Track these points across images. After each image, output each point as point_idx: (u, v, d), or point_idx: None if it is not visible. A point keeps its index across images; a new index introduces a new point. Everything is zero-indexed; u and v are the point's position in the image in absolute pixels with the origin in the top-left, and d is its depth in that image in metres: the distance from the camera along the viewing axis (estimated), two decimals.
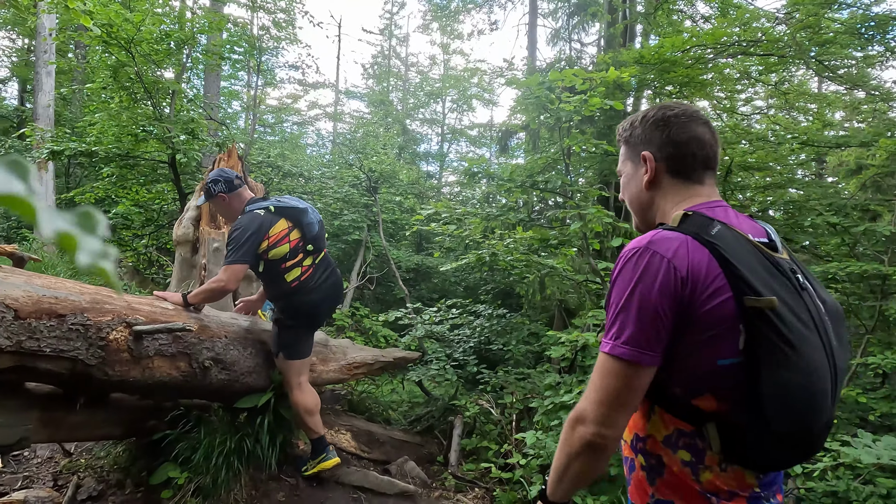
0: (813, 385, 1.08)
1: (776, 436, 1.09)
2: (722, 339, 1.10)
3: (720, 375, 1.11)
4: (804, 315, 1.11)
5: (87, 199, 8.85)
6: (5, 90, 21.01)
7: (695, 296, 1.10)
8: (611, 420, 1.13)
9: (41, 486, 3.24)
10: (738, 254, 1.12)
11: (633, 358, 1.11)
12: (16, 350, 2.34)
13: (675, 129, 1.30)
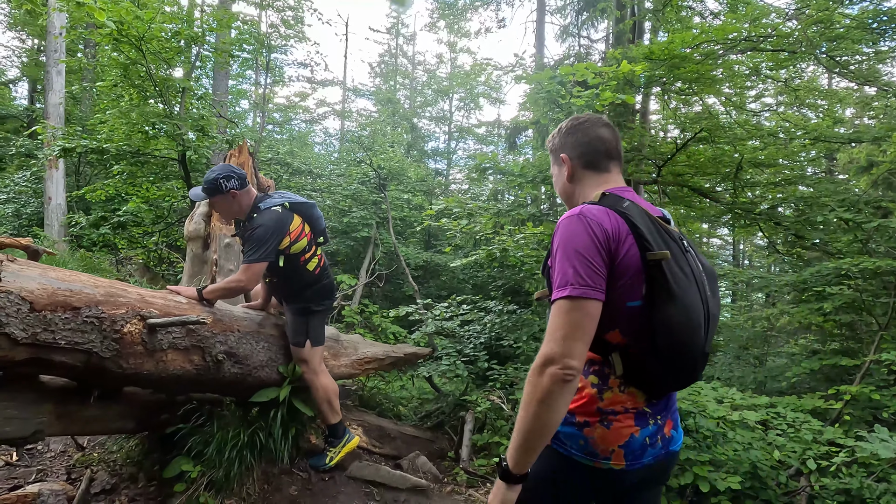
0: (691, 321, 1.44)
1: (663, 359, 1.46)
2: (631, 286, 1.45)
3: (627, 315, 1.47)
4: (686, 270, 1.49)
5: (97, 196, 8.89)
6: (16, 90, 21.17)
7: (615, 249, 1.44)
8: (575, 351, 1.36)
9: (55, 480, 3.25)
10: (641, 221, 1.48)
11: (583, 294, 1.38)
12: (31, 342, 2.35)
13: (581, 133, 1.72)
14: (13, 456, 3.47)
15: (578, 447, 1.55)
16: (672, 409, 1.67)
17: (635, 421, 1.55)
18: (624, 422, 1.54)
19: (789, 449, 3.89)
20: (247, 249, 3.16)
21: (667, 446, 1.62)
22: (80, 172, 11.33)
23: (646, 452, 1.56)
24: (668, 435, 1.63)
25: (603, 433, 1.53)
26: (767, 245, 10.91)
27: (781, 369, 8.24)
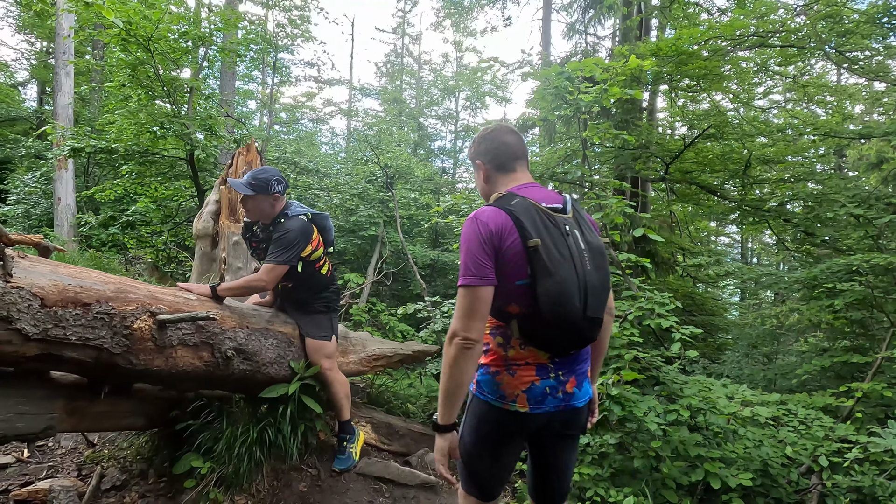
0: (565, 292, 1.79)
1: (548, 323, 1.80)
2: (517, 268, 1.81)
3: (518, 291, 1.83)
4: (563, 251, 1.83)
5: (106, 195, 8.94)
6: (25, 92, 21.32)
7: (501, 242, 1.81)
8: (472, 326, 1.77)
9: (65, 476, 3.27)
10: (525, 215, 1.83)
11: (472, 283, 1.78)
12: (42, 338, 2.36)
13: (489, 141, 2.09)
14: (24, 453, 3.50)
15: (492, 391, 1.95)
16: (578, 369, 2.01)
17: (536, 372, 1.93)
18: (526, 372, 1.92)
19: (801, 446, 3.86)
20: (274, 250, 3.28)
21: (568, 400, 1.97)
22: (89, 173, 11.41)
23: (546, 400, 1.94)
24: (570, 391, 1.98)
25: (509, 379, 1.93)
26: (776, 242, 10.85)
27: (791, 367, 8.18)
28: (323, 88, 24.09)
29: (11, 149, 15.55)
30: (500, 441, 2.01)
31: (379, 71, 26.03)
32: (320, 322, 3.56)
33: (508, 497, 3.80)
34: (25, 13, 18.50)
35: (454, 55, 25.79)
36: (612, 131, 4.62)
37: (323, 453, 3.64)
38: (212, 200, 4.69)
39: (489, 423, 1.98)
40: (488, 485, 2.09)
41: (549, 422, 1.97)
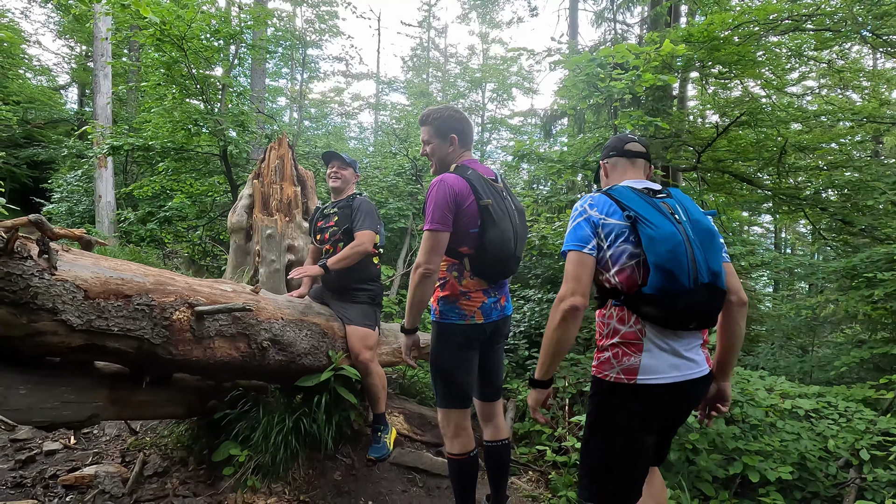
0: (504, 237, 2.58)
1: (490, 259, 2.57)
2: (471, 220, 2.52)
3: (470, 236, 2.54)
4: (502, 208, 2.62)
5: (144, 192, 9.18)
6: (66, 95, 21.95)
7: (460, 201, 2.50)
8: (432, 260, 2.49)
9: (110, 462, 3.38)
10: (478, 183, 2.56)
11: (436, 228, 2.48)
12: (86, 328, 2.43)
13: (461, 121, 2.74)
14: (71, 440, 3.62)
15: (456, 315, 2.66)
16: (504, 290, 2.84)
17: (483, 294, 2.68)
18: (477, 295, 2.66)
19: (840, 440, 3.78)
20: (362, 219, 3.60)
21: (503, 311, 2.78)
22: (128, 171, 11.73)
23: (492, 313, 2.70)
24: (503, 304, 2.79)
25: (467, 303, 2.65)
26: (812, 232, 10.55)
27: (828, 359, 7.97)
28: (351, 83, 24.28)
29: (55, 149, 16.06)
30: (468, 349, 2.69)
31: (405, 65, 26.06)
32: (367, 312, 3.65)
33: (542, 488, 3.80)
34: (65, 17, 19.03)
35: (480, 47, 25.67)
36: (645, 118, 4.53)
37: (357, 443, 3.68)
38: (245, 195, 4.77)
39: (456, 337, 2.66)
40: (467, 392, 2.75)
41: (493, 329, 2.75)
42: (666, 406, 1.98)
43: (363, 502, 3.23)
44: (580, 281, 1.94)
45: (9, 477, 3.17)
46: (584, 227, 2.01)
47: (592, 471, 2.07)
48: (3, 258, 2.23)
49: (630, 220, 1.95)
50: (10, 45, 16.25)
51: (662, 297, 1.87)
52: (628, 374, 1.95)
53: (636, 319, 1.96)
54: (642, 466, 2.04)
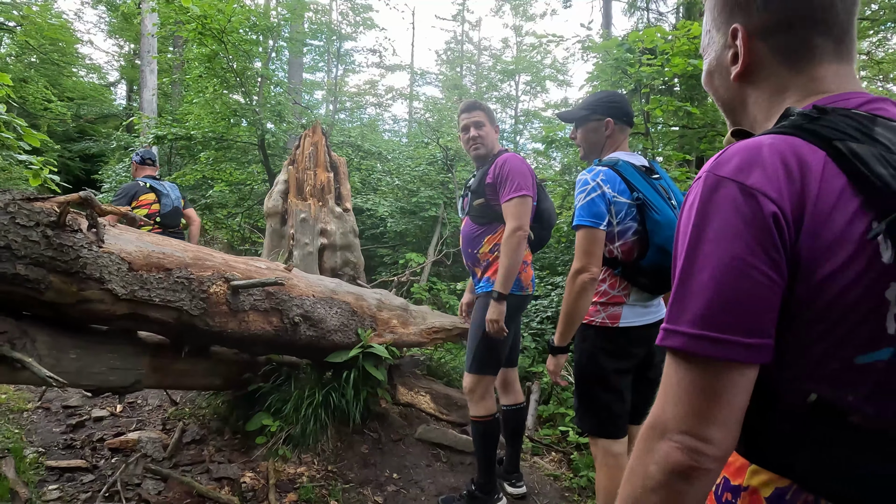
0: (551, 208, 3.15)
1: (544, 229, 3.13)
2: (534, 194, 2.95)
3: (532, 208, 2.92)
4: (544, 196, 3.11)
5: (186, 180, 9.52)
6: (116, 92, 22.79)
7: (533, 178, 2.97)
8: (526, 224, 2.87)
9: (152, 429, 3.58)
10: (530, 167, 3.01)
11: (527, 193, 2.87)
12: (130, 298, 2.60)
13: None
14: (117, 408, 3.85)
15: (517, 286, 2.88)
16: None
17: (531, 266, 2.99)
18: (530, 267, 3.00)
19: None
20: None
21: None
22: (172, 162, 12.14)
23: (533, 284, 3.04)
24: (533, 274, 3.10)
25: (526, 275, 2.95)
26: None
27: None
28: (385, 75, 24.52)
29: (105, 143, 16.72)
30: (514, 319, 2.96)
31: (439, 58, 26.14)
32: None
33: (564, 468, 3.86)
34: (114, 17, 19.75)
35: (514, 40, 25.57)
36: (676, 103, 4.50)
37: (384, 419, 3.80)
38: (281, 181, 4.94)
39: (514, 309, 2.89)
40: (502, 360, 3.02)
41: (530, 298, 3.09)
42: (641, 345, 2.31)
43: (388, 474, 3.35)
44: (594, 255, 2.15)
45: (60, 439, 3.40)
46: (598, 203, 2.14)
47: (582, 402, 2.38)
48: (56, 230, 2.41)
49: (638, 201, 2.17)
50: (65, 44, 16.95)
51: (658, 271, 2.18)
52: (612, 319, 2.26)
53: (626, 286, 2.26)
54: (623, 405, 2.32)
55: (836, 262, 0.66)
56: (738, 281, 0.68)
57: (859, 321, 0.67)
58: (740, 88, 0.89)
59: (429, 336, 4.22)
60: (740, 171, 0.71)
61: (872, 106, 0.74)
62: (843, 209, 0.66)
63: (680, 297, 0.73)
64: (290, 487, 3.03)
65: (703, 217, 0.72)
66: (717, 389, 0.69)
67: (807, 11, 0.79)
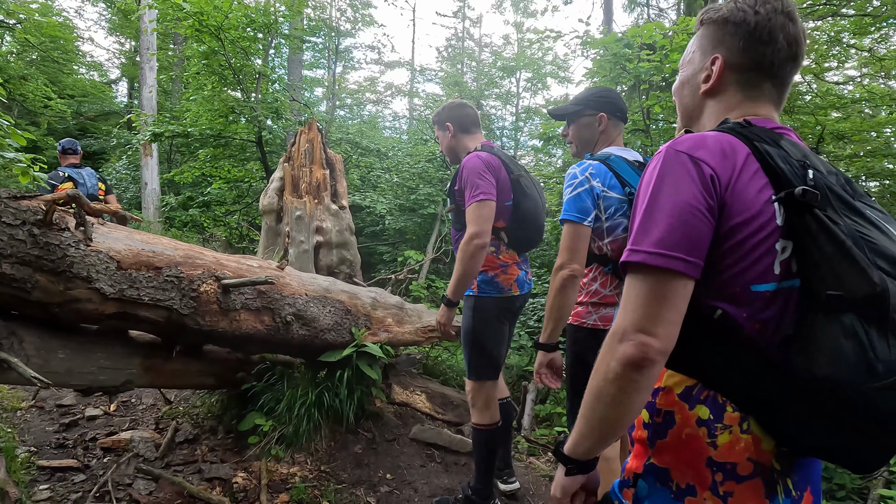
0: (536, 208, 2.81)
1: (523, 230, 2.80)
2: (506, 193, 2.71)
3: (505, 209, 2.73)
4: (530, 183, 2.80)
5: (185, 178, 9.51)
6: (116, 89, 22.79)
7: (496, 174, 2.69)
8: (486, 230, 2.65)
9: (145, 428, 3.56)
10: (506, 158, 2.78)
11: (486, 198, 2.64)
12: (119, 297, 2.58)
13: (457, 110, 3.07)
14: (111, 407, 3.83)
15: (494, 288, 2.80)
16: (527, 263, 2.99)
17: (518, 267, 2.85)
18: (513, 268, 2.83)
19: None
20: None
21: (530, 283, 2.97)
22: (172, 160, 12.15)
23: (524, 285, 2.88)
24: (530, 277, 2.98)
25: (506, 277, 2.81)
26: None
27: None
28: (384, 71, 24.40)
29: (106, 140, 16.73)
30: (503, 322, 2.86)
31: (440, 55, 26.06)
32: None
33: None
34: (112, 13, 19.74)
35: (514, 37, 25.45)
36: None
37: (379, 419, 3.77)
38: (276, 178, 4.91)
39: (494, 310, 2.80)
40: (499, 364, 2.92)
41: (523, 301, 2.95)
42: None
43: (382, 475, 3.32)
44: (577, 252, 2.10)
45: (53, 438, 3.39)
46: (584, 198, 2.09)
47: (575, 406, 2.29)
48: (43, 229, 2.38)
49: (629, 196, 2.11)
50: (65, 42, 16.94)
51: None
52: (605, 321, 2.20)
53: (616, 285, 2.21)
54: None
55: (747, 215, 0.95)
56: (686, 216, 0.95)
57: (756, 260, 0.95)
58: (703, 101, 1.21)
59: (424, 335, 4.19)
60: (691, 148, 1.00)
61: (781, 130, 1.09)
62: (755, 183, 0.97)
63: (642, 228, 0.98)
64: (282, 488, 3.01)
65: (663, 175, 0.99)
66: (665, 294, 0.94)
67: (768, 64, 1.12)
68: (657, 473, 1.06)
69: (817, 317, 0.89)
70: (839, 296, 0.87)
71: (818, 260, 0.90)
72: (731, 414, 0.99)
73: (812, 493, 1.05)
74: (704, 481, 1.00)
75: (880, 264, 0.88)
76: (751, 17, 1.11)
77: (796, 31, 1.11)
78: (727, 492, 0.98)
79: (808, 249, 0.92)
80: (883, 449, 0.92)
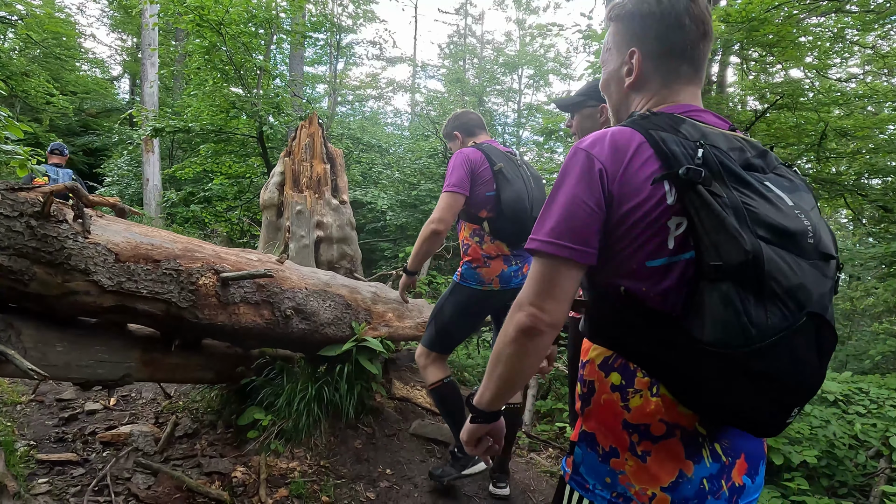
0: (519, 198, 2.79)
1: (508, 221, 2.78)
2: (487, 184, 2.81)
3: (488, 199, 2.82)
4: (516, 173, 2.85)
5: (186, 173, 9.50)
6: (118, 86, 22.79)
7: (476, 168, 2.83)
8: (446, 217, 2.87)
9: (144, 423, 3.56)
10: (492, 152, 2.87)
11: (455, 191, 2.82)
12: (117, 290, 2.56)
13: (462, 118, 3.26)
14: (111, 401, 3.83)
15: (475, 280, 2.88)
16: (527, 259, 2.89)
17: (503, 262, 2.87)
18: (497, 262, 2.86)
19: (869, 425, 3.68)
20: None
21: (518, 280, 2.88)
22: (174, 156, 12.15)
23: (511, 281, 2.88)
24: (525, 273, 2.79)
25: (487, 270, 2.86)
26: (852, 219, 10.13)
27: (864, 348, 7.71)
28: (386, 67, 24.35)
29: (108, 137, 16.74)
30: (477, 315, 3.00)
31: (442, 52, 26.00)
32: None
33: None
34: (113, 9, 19.72)
35: (517, 34, 25.42)
36: None
37: (378, 414, 3.76)
38: (277, 172, 4.90)
39: (469, 301, 2.90)
40: (454, 344, 3.10)
41: (507, 297, 2.86)
42: None
43: (382, 470, 3.31)
44: None
45: (52, 432, 3.38)
46: None
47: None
48: (41, 221, 2.37)
49: None
50: (67, 38, 16.93)
51: None
52: None
53: None
54: None
55: (636, 200, 1.04)
56: (574, 209, 1.06)
57: (649, 238, 1.04)
58: (628, 95, 1.28)
59: (424, 329, 4.18)
60: (590, 145, 1.10)
61: (692, 114, 1.16)
62: (647, 169, 1.05)
63: (542, 218, 1.11)
64: (281, 482, 3.00)
65: (564, 171, 1.11)
66: (554, 277, 1.07)
67: (681, 48, 1.19)
68: (588, 439, 1.15)
69: (703, 285, 0.95)
70: (718, 265, 0.93)
71: (701, 233, 0.96)
72: (642, 379, 1.07)
73: (746, 460, 1.10)
74: (623, 443, 1.08)
75: (759, 232, 0.94)
76: (655, 8, 1.19)
77: (699, 9, 1.18)
78: (644, 451, 1.06)
79: (694, 223, 0.97)
80: (772, 409, 0.97)
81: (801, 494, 3.13)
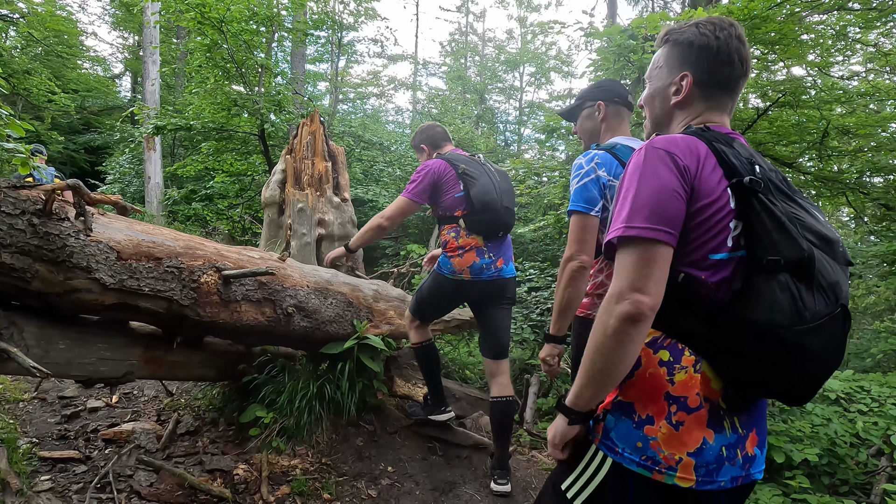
0: (487, 191, 3.08)
1: (478, 214, 3.07)
2: (455, 187, 3.17)
3: (459, 199, 3.15)
4: (481, 170, 3.16)
5: (187, 171, 9.51)
6: (120, 84, 22.78)
7: (437, 177, 3.22)
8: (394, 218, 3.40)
9: (146, 420, 3.56)
10: (456, 158, 3.22)
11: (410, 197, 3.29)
12: (118, 288, 2.57)
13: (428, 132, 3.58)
14: (113, 399, 3.83)
15: (448, 269, 3.14)
16: (504, 251, 3.22)
17: (476, 254, 3.10)
18: (470, 254, 3.11)
19: (871, 423, 3.67)
20: None
21: (500, 272, 3.16)
22: (175, 154, 12.15)
23: (482, 273, 3.12)
24: (500, 265, 3.17)
25: (459, 261, 3.11)
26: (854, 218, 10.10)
27: (866, 346, 7.70)
28: (387, 65, 24.31)
29: (109, 135, 16.75)
30: (451, 300, 3.36)
31: (444, 50, 25.97)
32: None
33: None
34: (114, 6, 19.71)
35: (518, 31, 25.39)
36: None
37: (380, 412, 3.76)
38: (278, 170, 4.89)
39: (443, 288, 3.22)
40: (431, 317, 3.46)
41: (491, 289, 3.19)
42: None
43: (383, 467, 3.32)
44: (585, 243, 2.07)
45: (55, 430, 3.39)
46: (591, 188, 2.07)
47: None
48: (43, 219, 2.37)
49: None
50: (69, 36, 16.92)
51: None
52: None
53: None
54: None
55: (710, 198, 1.19)
56: (667, 198, 1.17)
57: (715, 234, 1.19)
58: (672, 110, 1.44)
59: None
60: (666, 145, 1.23)
61: (733, 135, 1.33)
62: (715, 175, 1.21)
63: (627, 209, 1.19)
64: (283, 480, 3.01)
65: (644, 165, 1.22)
66: (653, 259, 1.15)
67: (726, 81, 1.37)
68: (623, 408, 1.26)
69: (760, 277, 1.13)
70: (777, 260, 1.11)
71: (761, 233, 1.14)
72: (688, 357, 1.22)
73: (757, 434, 1.28)
74: (662, 412, 1.21)
75: (808, 237, 1.14)
76: (713, 42, 1.34)
77: (746, 52, 1.36)
78: (679, 421, 1.19)
79: (754, 225, 1.16)
80: (809, 380, 1.17)
81: (803, 492, 3.13)
